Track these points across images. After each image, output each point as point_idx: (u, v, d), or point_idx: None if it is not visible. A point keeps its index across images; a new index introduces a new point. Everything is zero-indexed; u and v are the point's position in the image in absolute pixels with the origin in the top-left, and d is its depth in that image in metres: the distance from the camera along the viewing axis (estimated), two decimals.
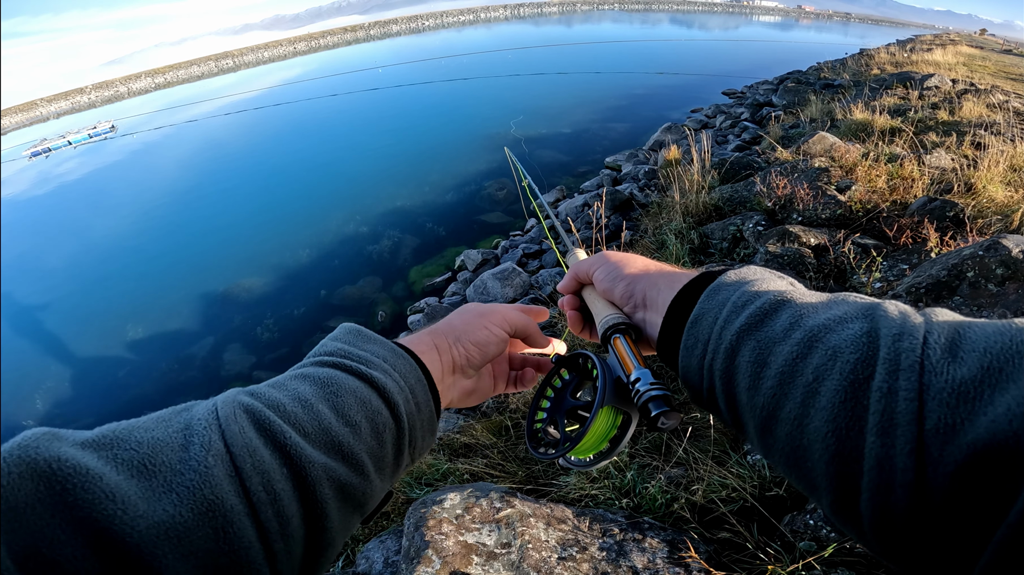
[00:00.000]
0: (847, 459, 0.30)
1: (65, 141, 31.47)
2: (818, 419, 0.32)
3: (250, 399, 0.39)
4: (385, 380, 0.46)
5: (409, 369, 0.50)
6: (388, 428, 0.44)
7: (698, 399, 0.46)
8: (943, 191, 3.91)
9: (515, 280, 5.95)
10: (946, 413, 0.27)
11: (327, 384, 0.43)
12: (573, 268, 0.66)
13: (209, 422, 0.35)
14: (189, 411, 0.37)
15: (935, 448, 0.26)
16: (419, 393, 0.49)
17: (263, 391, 0.41)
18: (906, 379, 0.29)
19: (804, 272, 3.19)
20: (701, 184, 5.02)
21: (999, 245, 2.35)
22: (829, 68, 16.39)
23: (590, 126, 14.56)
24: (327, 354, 0.48)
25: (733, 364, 0.40)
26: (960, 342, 0.29)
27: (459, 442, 2.71)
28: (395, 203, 10.56)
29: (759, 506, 1.62)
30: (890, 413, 0.28)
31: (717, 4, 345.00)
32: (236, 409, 0.37)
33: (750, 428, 0.40)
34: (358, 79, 35.77)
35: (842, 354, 0.33)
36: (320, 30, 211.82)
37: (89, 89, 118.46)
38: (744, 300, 0.42)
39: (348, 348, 0.48)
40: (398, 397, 0.46)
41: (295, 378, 0.44)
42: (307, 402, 0.40)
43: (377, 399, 0.44)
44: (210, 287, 8.61)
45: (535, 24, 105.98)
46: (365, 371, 0.45)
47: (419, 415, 0.49)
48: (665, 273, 0.55)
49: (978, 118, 6.13)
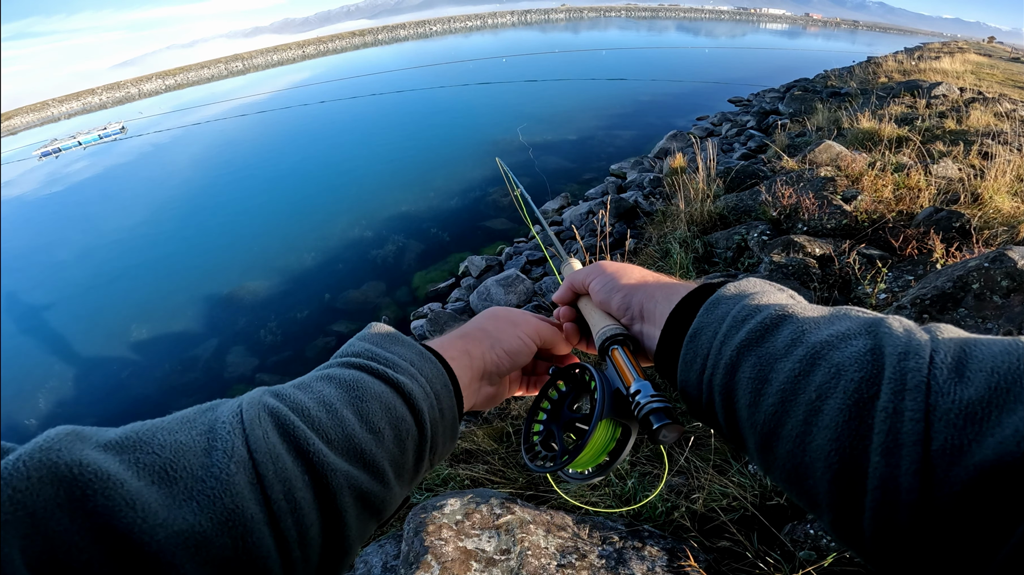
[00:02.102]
0: (850, 478, 0.30)
1: (75, 141, 31.75)
2: (821, 438, 0.32)
3: (275, 401, 0.38)
4: (411, 385, 0.45)
5: (436, 374, 0.49)
6: (411, 435, 0.44)
7: (696, 413, 0.45)
8: (949, 201, 3.90)
9: (519, 287, 5.95)
10: (953, 434, 0.26)
11: (353, 388, 0.42)
12: (569, 278, 0.65)
13: (233, 425, 0.35)
14: (214, 411, 0.37)
15: (941, 469, 0.26)
16: (444, 399, 0.49)
17: (288, 393, 0.40)
18: (912, 400, 0.29)
19: (808, 283, 3.19)
20: (706, 193, 5.02)
21: (1004, 257, 2.34)
22: (836, 76, 16.34)
23: (595, 133, 14.57)
24: (354, 354, 0.47)
25: (733, 380, 0.40)
26: (967, 361, 0.29)
27: (460, 447, 2.70)
28: (400, 208, 10.60)
29: (759, 515, 1.61)
30: (895, 434, 0.28)
31: (724, 12, 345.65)
32: (261, 411, 0.37)
33: (750, 444, 0.39)
34: (365, 83, 35.99)
35: (846, 372, 0.32)
36: (329, 34, 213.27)
37: (100, 90, 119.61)
38: (744, 314, 0.42)
39: (375, 349, 0.48)
40: (423, 403, 0.45)
41: (321, 379, 0.43)
42: (332, 407, 0.40)
43: (402, 405, 0.44)
44: (215, 289, 8.65)
45: (542, 30, 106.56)
46: (392, 375, 0.45)
47: (442, 421, 0.48)
48: (663, 284, 0.55)
49: (985, 127, 6.11)
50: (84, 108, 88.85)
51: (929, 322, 0.36)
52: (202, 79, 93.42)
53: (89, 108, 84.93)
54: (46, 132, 47.48)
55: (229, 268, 9.46)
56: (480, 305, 5.97)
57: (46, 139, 35.86)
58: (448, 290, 7.18)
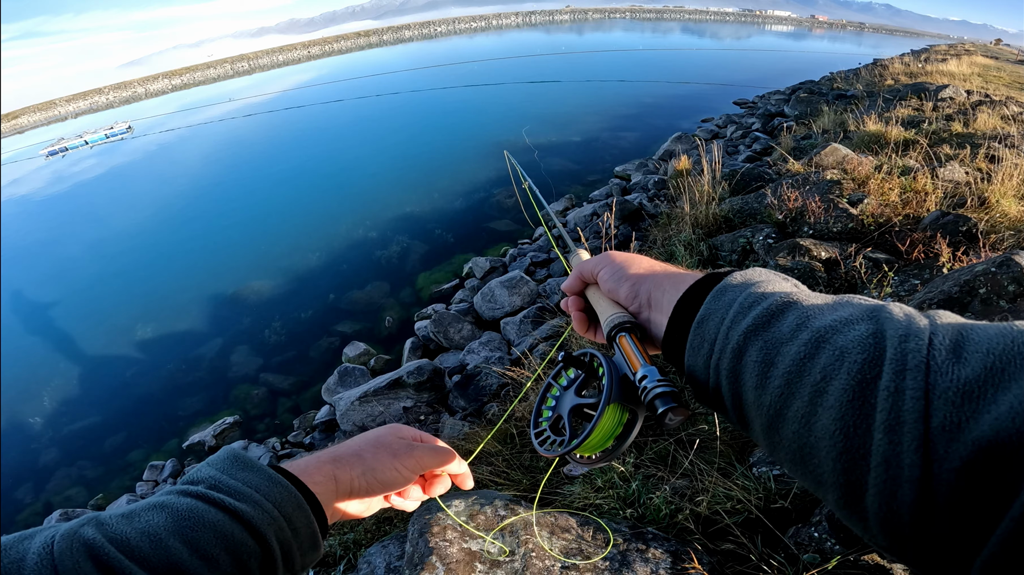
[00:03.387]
0: (854, 456, 0.31)
1: (82, 141, 32.02)
2: (826, 417, 0.33)
3: (93, 532, 0.39)
4: (252, 512, 0.46)
5: (285, 497, 0.50)
6: (254, 556, 0.45)
7: (703, 397, 0.47)
8: (956, 205, 3.88)
9: (523, 288, 5.95)
10: (951, 411, 0.28)
11: (184, 517, 0.43)
12: (577, 268, 0.66)
13: (42, 556, 0.36)
14: (30, 540, 0.38)
15: (941, 445, 0.27)
16: (297, 519, 0.50)
17: (111, 523, 0.41)
18: (912, 379, 0.30)
19: (814, 286, 3.18)
20: (711, 195, 5.00)
21: (1011, 262, 2.33)
22: (842, 78, 16.28)
23: (600, 134, 14.60)
24: (195, 482, 0.48)
25: (740, 364, 0.41)
26: (964, 343, 0.30)
27: (464, 450, 2.71)
28: (404, 209, 10.63)
29: (763, 518, 1.61)
30: (897, 412, 0.29)
31: (729, 14, 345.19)
32: (74, 542, 0.38)
33: (756, 426, 0.40)
34: (371, 84, 36.09)
35: (849, 354, 0.34)
36: (334, 35, 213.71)
37: (107, 89, 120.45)
38: (751, 301, 0.43)
39: (219, 477, 0.49)
40: (267, 528, 0.46)
41: (152, 508, 0.44)
42: (156, 536, 0.41)
43: (242, 531, 0.45)
44: (220, 288, 8.71)
45: (546, 32, 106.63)
46: (230, 503, 0.46)
47: (296, 539, 0.50)
48: (670, 274, 0.56)
49: (992, 130, 6.08)
50: (91, 107, 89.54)
51: None
52: (208, 79, 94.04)
53: (96, 107, 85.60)
54: (53, 131, 47.85)
55: (234, 268, 9.52)
56: (484, 306, 5.98)
57: (53, 138, 36.16)
58: (452, 291, 7.19)
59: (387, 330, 6.82)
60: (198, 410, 6.23)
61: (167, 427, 6.06)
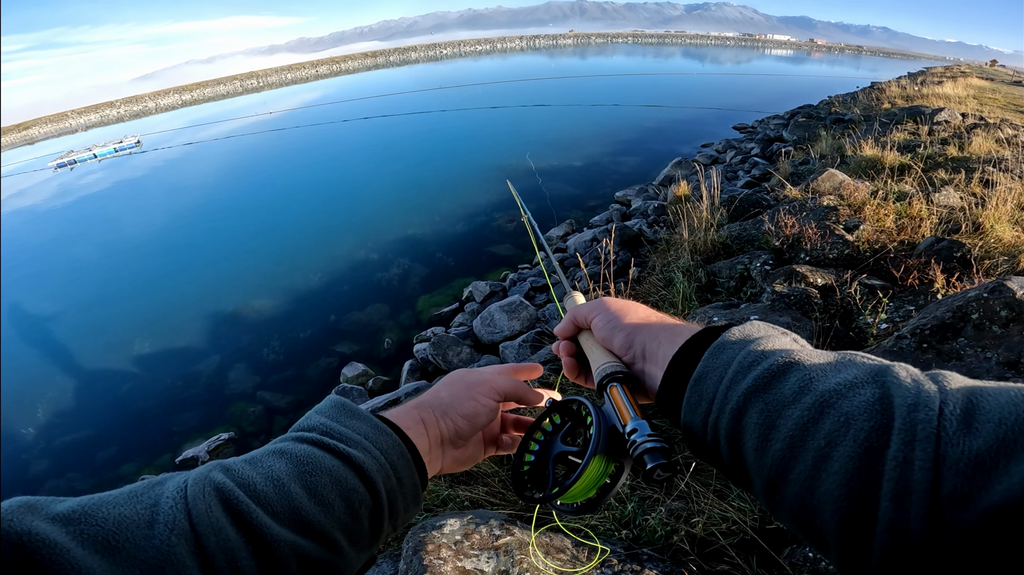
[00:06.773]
0: (859, 521, 0.31)
1: (91, 154, 32.28)
2: (830, 482, 0.33)
3: (222, 477, 0.40)
4: (364, 458, 0.47)
5: (391, 445, 0.51)
6: (365, 505, 0.46)
7: (699, 452, 0.47)
8: (951, 231, 3.93)
9: (522, 313, 5.96)
10: (962, 482, 0.28)
11: (303, 463, 0.44)
12: (571, 312, 0.66)
13: (176, 500, 0.37)
14: (162, 486, 0.39)
15: (950, 513, 0.27)
16: (401, 468, 0.51)
17: (237, 468, 0.42)
18: (922, 450, 0.30)
19: (810, 313, 3.20)
20: (710, 221, 5.04)
21: (1003, 287, 2.36)
22: (840, 102, 16.51)
23: (601, 159, 14.72)
24: (309, 429, 0.49)
25: (740, 424, 0.41)
26: (975, 412, 0.30)
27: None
28: (406, 231, 10.69)
29: (759, 539, 1.62)
30: (905, 481, 0.30)
31: (730, 38, 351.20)
32: (206, 487, 0.39)
33: (756, 485, 0.40)
34: (376, 105, 36.54)
35: (855, 421, 0.34)
36: (342, 54, 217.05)
37: (119, 103, 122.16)
38: (750, 360, 0.43)
39: (330, 423, 0.50)
40: (377, 475, 0.47)
41: (273, 454, 0.45)
42: (279, 481, 0.42)
43: (354, 478, 0.46)
44: (220, 306, 8.71)
45: (550, 56, 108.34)
46: (343, 450, 0.47)
47: (401, 489, 0.50)
48: (667, 326, 0.56)
49: (987, 154, 6.15)
50: (102, 120, 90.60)
51: (929, 351, 0.38)
52: (218, 95, 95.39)
53: (107, 120, 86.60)
54: (63, 143, 48.41)
55: (235, 286, 9.54)
56: (483, 330, 5.99)
57: (62, 150, 36.51)
58: (452, 314, 7.19)
59: (386, 351, 6.82)
60: (193, 426, 6.18)
61: (161, 441, 6.01)
